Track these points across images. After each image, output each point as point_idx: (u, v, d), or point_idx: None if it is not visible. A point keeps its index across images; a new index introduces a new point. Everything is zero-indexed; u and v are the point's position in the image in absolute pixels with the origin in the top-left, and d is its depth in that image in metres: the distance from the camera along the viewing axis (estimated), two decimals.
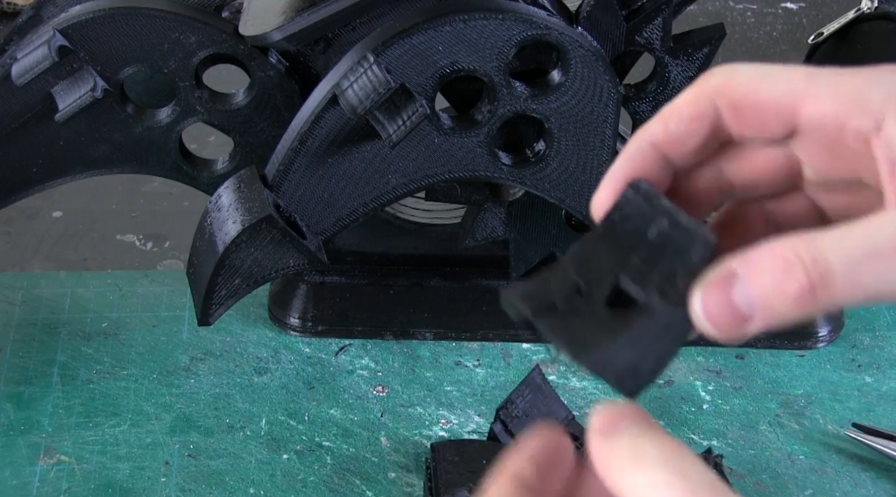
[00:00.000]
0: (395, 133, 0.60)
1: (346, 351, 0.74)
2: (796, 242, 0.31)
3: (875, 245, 0.31)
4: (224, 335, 0.74)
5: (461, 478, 0.58)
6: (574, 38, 0.61)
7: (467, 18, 0.60)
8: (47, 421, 0.68)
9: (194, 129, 0.69)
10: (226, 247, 0.60)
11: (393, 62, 0.60)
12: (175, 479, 0.64)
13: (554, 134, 0.64)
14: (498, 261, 0.72)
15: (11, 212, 0.81)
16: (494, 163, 0.64)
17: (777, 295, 0.31)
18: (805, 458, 0.67)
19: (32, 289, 0.78)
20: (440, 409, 0.69)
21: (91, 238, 0.84)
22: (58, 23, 0.64)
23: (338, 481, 0.64)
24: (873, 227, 0.31)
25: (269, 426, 0.68)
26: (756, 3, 1.12)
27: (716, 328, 0.32)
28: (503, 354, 0.73)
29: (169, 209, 0.86)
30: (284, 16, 0.63)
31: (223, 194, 0.62)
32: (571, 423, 0.66)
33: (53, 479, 0.64)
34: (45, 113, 0.66)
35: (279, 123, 0.66)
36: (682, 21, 0.65)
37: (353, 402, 0.70)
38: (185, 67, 0.65)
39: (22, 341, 0.73)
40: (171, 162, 0.69)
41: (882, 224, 0.31)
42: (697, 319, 0.32)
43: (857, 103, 0.33)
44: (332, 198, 0.64)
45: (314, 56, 0.65)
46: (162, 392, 0.70)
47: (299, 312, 0.74)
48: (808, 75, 0.34)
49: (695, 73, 0.65)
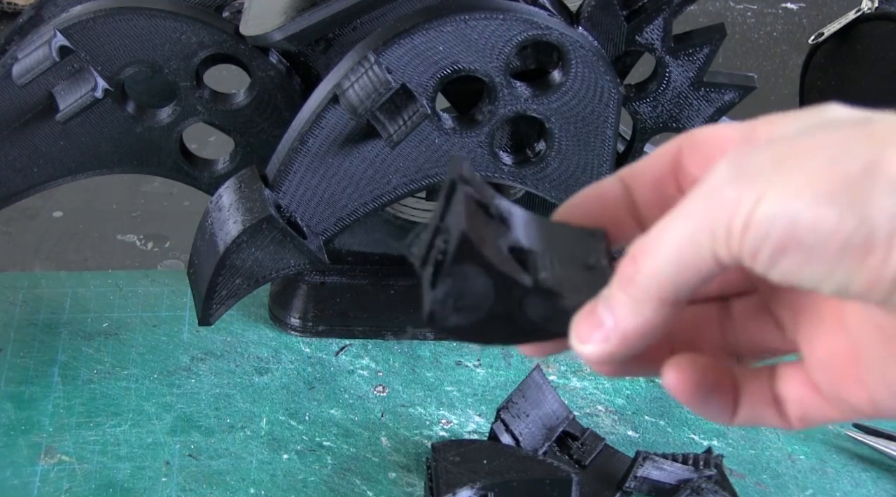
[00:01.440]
0: (395, 133, 0.60)
1: (346, 351, 0.74)
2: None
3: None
4: (225, 335, 0.74)
5: (462, 478, 0.58)
6: (575, 38, 0.61)
7: (468, 19, 0.60)
8: (48, 421, 0.68)
9: (195, 129, 0.69)
10: (227, 247, 0.60)
11: (394, 62, 0.60)
12: (176, 478, 0.64)
13: (554, 134, 0.64)
14: None
15: (12, 212, 0.81)
16: (495, 163, 0.64)
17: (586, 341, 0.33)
18: (805, 458, 0.67)
19: (33, 289, 0.78)
20: (441, 410, 0.69)
21: (91, 238, 0.84)
22: (59, 23, 0.64)
23: (338, 481, 0.65)
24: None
25: (269, 426, 0.68)
26: (756, 3, 1.13)
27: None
28: (504, 355, 0.73)
29: (169, 209, 0.86)
30: (285, 16, 0.63)
31: (224, 194, 0.62)
32: (572, 423, 0.66)
33: (54, 479, 0.64)
34: (45, 113, 0.66)
35: (280, 123, 0.66)
36: (683, 21, 0.65)
37: (354, 402, 0.70)
38: (186, 67, 0.65)
39: (23, 341, 0.73)
40: (172, 162, 0.69)
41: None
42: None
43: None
44: (333, 198, 0.64)
45: (315, 56, 0.65)
46: (163, 392, 0.70)
47: (300, 312, 0.74)
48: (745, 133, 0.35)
49: (695, 73, 0.65)
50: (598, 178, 0.64)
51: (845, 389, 0.33)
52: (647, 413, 0.69)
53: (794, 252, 0.29)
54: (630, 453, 0.65)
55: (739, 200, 0.29)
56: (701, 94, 0.65)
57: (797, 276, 0.30)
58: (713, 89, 0.65)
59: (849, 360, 0.33)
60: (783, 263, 0.29)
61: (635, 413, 0.69)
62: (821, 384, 0.33)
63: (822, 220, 0.28)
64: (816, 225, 0.29)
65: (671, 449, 0.67)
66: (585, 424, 0.68)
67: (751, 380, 0.35)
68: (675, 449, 0.67)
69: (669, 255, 0.31)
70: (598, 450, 0.65)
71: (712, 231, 0.30)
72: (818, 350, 0.33)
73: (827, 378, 0.33)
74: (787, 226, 0.29)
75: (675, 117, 0.66)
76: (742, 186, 0.30)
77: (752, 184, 0.29)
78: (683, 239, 0.31)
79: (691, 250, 0.31)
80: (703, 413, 0.34)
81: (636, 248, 0.32)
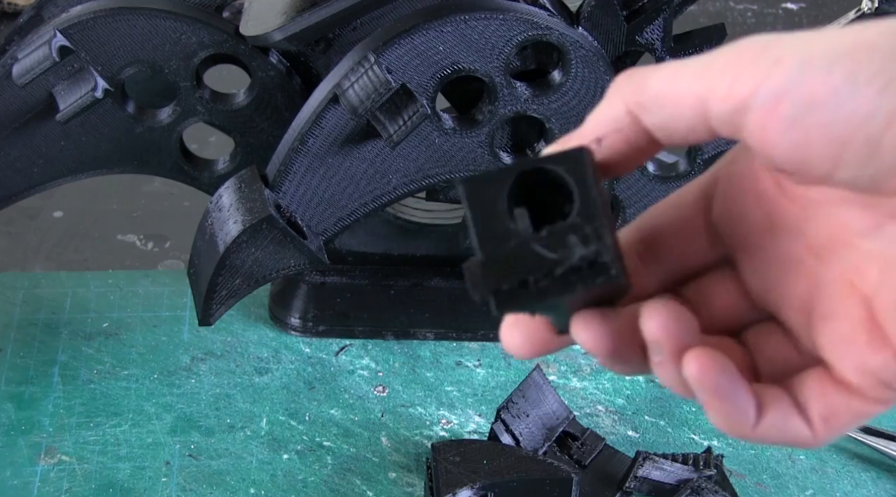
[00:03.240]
0: (395, 133, 0.60)
1: (346, 351, 0.74)
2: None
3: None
4: (225, 335, 0.74)
5: (462, 478, 0.58)
6: (575, 38, 0.61)
7: (468, 19, 0.60)
8: (48, 421, 0.68)
9: (195, 129, 0.69)
10: (227, 247, 0.60)
11: (394, 62, 0.60)
12: (176, 478, 0.64)
13: (555, 134, 0.64)
14: None
15: (12, 212, 0.81)
16: (495, 163, 0.64)
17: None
18: (805, 458, 0.67)
19: (33, 289, 0.78)
20: (441, 410, 0.69)
21: (92, 238, 0.84)
22: (59, 23, 0.64)
23: (338, 481, 0.65)
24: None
25: (269, 426, 0.68)
26: (756, 3, 1.13)
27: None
28: (504, 354, 0.73)
29: (169, 209, 0.86)
30: (285, 16, 0.63)
31: (224, 194, 0.62)
32: (572, 423, 0.66)
33: (54, 479, 0.64)
34: (46, 113, 0.66)
35: (280, 123, 0.66)
36: (683, 21, 0.65)
37: (354, 402, 0.70)
38: (186, 67, 0.65)
39: (23, 341, 0.73)
40: (172, 162, 0.69)
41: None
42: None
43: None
44: (333, 198, 0.64)
45: (315, 56, 0.65)
46: (163, 392, 0.70)
47: (300, 312, 0.74)
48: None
49: None
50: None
51: (871, 357, 0.33)
52: (647, 413, 0.69)
53: (820, 110, 0.30)
54: (630, 453, 0.65)
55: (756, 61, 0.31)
56: None
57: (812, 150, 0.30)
58: None
59: (869, 323, 0.33)
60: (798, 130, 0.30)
61: (635, 413, 0.69)
62: (845, 370, 0.33)
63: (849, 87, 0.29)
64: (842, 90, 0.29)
65: (671, 449, 0.67)
66: (585, 424, 0.68)
67: (773, 393, 0.35)
68: (675, 449, 0.67)
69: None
70: (598, 450, 0.65)
71: (719, 90, 0.31)
72: (837, 328, 0.33)
73: (850, 353, 0.33)
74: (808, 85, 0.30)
75: None
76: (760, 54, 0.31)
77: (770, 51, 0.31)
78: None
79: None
80: (726, 411, 0.34)
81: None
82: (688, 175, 0.67)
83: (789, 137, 0.31)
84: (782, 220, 0.35)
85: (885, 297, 0.32)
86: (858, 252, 0.33)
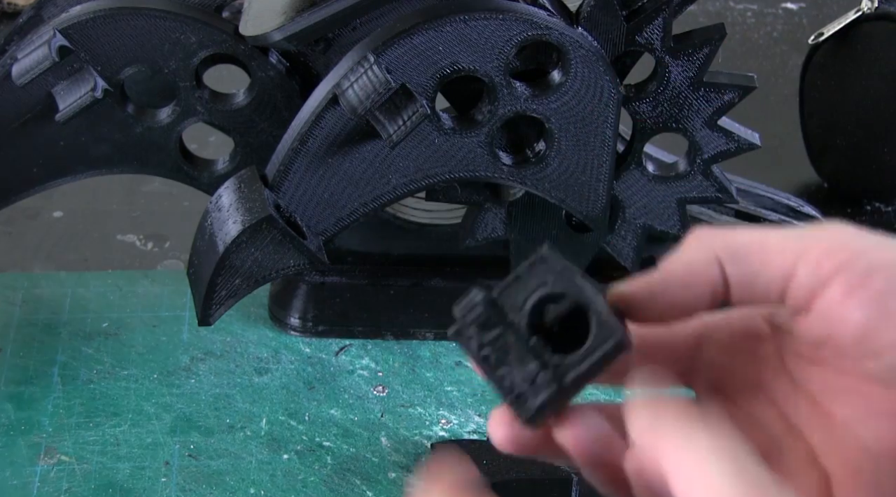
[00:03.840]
0: (395, 133, 0.60)
1: (346, 351, 0.74)
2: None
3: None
4: (224, 335, 0.74)
5: None
6: (574, 38, 0.61)
7: (468, 18, 0.60)
8: (48, 421, 0.68)
9: (195, 129, 0.69)
10: (226, 247, 0.60)
11: (393, 62, 0.60)
12: (175, 479, 0.64)
13: (554, 134, 0.64)
14: (498, 261, 0.72)
15: (12, 212, 0.81)
16: (495, 163, 0.64)
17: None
18: None
19: (33, 289, 0.78)
20: (440, 410, 0.69)
21: (91, 238, 0.84)
22: (58, 23, 0.64)
23: (338, 481, 0.65)
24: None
25: (269, 426, 0.68)
26: (756, 3, 1.13)
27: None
28: None
29: (169, 209, 0.86)
30: (285, 16, 0.63)
31: (223, 194, 0.62)
32: None
33: (54, 479, 0.64)
34: (45, 113, 0.66)
35: (279, 123, 0.66)
36: (683, 21, 0.65)
37: (354, 403, 0.70)
38: (186, 67, 0.65)
39: (22, 341, 0.73)
40: (172, 162, 0.69)
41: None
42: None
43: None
44: (333, 198, 0.64)
45: (314, 56, 0.65)
46: (162, 392, 0.70)
47: (300, 312, 0.74)
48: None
49: (695, 73, 0.65)
50: (598, 178, 0.64)
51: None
52: None
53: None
54: None
55: None
56: (701, 94, 0.65)
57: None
58: (713, 89, 0.65)
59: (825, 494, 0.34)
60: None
61: None
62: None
63: None
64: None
65: None
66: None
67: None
68: None
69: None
70: None
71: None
72: (796, 486, 0.35)
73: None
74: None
75: (674, 117, 0.66)
76: None
77: None
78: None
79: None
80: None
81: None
82: (688, 175, 0.67)
83: (866, 311, 0.31)
84: (769, 386, 0.36)
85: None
86: (838, 435, 0.34)
